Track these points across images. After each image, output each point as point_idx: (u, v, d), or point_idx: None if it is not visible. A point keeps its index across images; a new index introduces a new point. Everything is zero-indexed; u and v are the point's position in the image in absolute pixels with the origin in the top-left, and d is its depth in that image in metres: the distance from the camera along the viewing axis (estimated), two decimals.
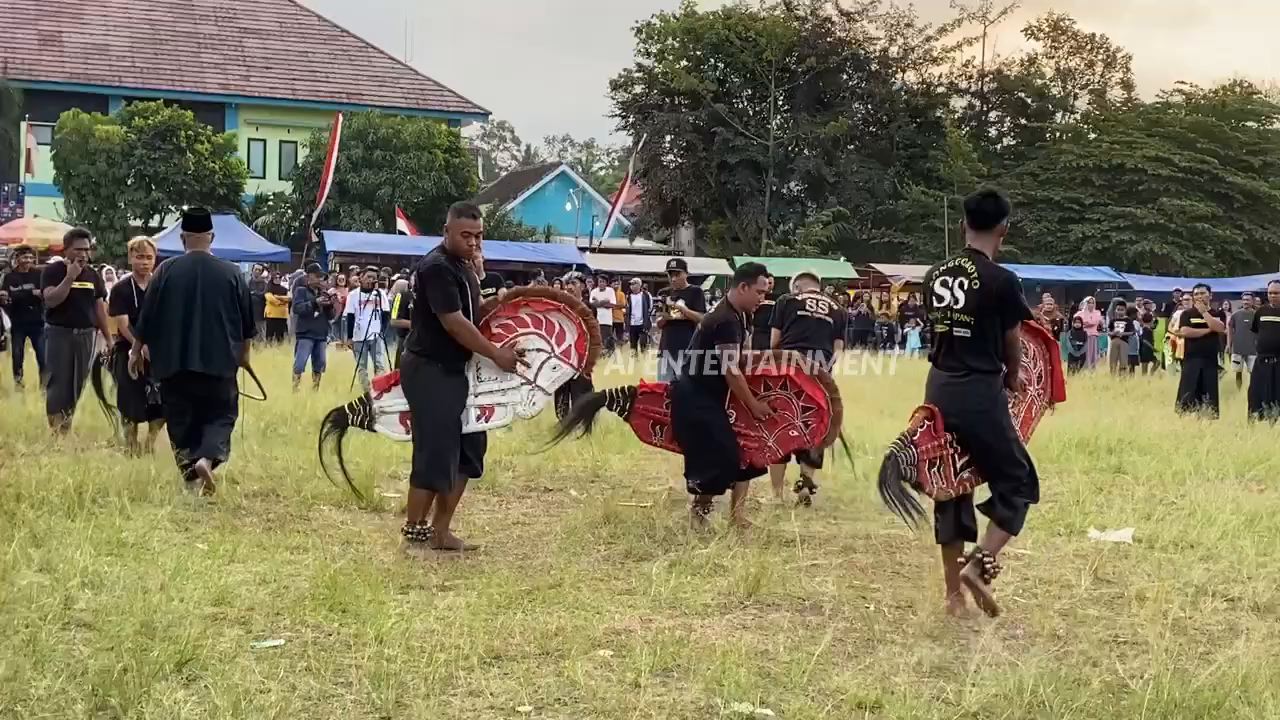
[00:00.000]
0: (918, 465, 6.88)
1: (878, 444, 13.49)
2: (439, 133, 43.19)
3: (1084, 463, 12.80)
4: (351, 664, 5.61)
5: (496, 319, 8.50)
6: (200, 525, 8.60)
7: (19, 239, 29.84)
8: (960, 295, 6.89)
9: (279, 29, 52.65)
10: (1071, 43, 56.96)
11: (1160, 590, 7.45)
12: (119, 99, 44.89)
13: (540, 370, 8.52)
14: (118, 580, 6.85)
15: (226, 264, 10.70)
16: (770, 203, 51.37)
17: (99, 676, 5.23)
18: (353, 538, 8.43)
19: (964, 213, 7.19)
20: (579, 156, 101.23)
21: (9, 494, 8.85)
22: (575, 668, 5.65)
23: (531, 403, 8.58)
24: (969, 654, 6.08)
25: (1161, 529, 9.46)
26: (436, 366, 8.15)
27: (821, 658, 5.92)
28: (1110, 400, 20.96)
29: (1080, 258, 48.47)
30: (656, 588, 7.27)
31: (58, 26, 48.95)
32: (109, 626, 5.96)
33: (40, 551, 7.32)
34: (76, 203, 39.80)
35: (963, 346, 6.92)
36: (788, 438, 9.59)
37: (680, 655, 5.94)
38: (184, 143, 40.00)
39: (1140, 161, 49.39)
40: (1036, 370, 7.75)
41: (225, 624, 6.19)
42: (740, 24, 51.47)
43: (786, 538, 8.86)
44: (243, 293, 10.26)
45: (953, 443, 6.94)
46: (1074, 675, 5.80)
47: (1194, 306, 19.69)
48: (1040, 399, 7.85)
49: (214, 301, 9.88)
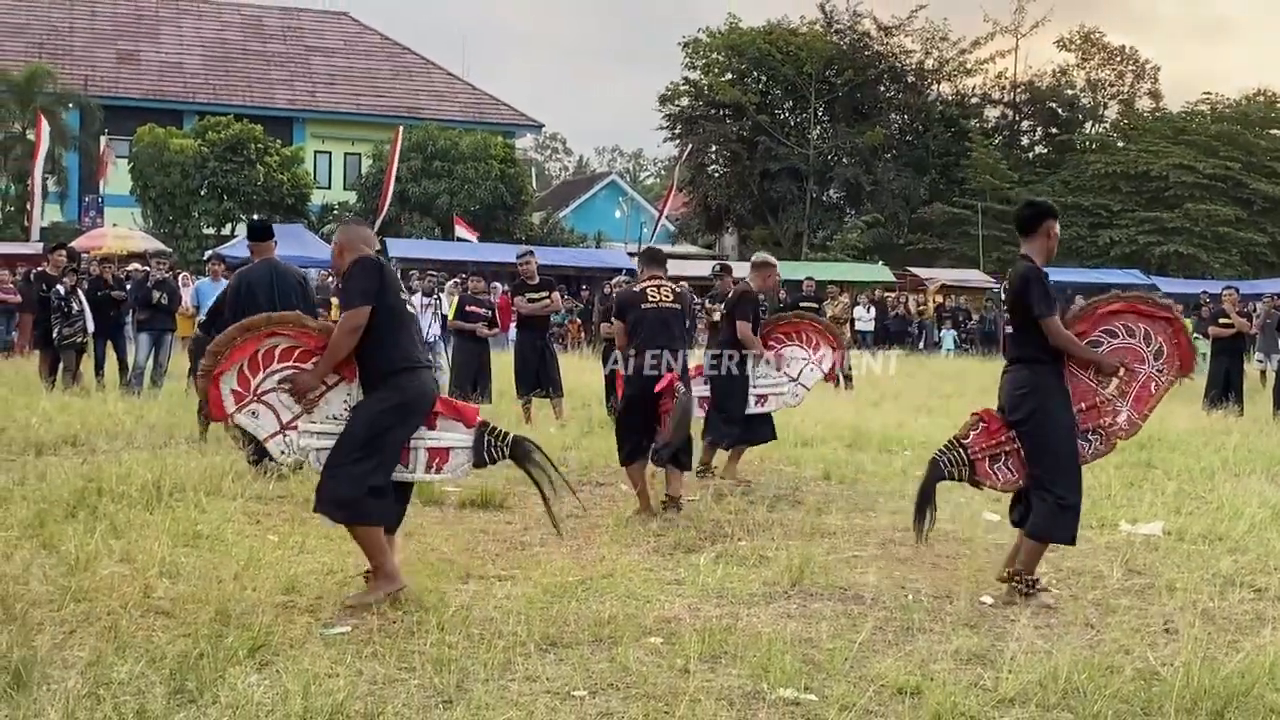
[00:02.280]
0: (972, 464, 7.07)
1: (916, 440, 13.49)
2: (494, 144, 43.28)
3: (1115, 458, 12.66)
4: (415, 650, 5.63)
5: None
6: (271, 518, 8.66)
7: (99, 247, 30.19)
8: (1006, 296, 7.86)
9: (343, 46, 52.99)
10: (1102, 54, 56.62)
11: (1190, 581, 7.38)
12: (192, 114, 45.26)
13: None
14: (194, 570, 6.90)
15: (294, 267, 11.40)
16: (810, 209, 51.26)
17: (177, 661, 5.27)
18: (415, 529, 8.44)
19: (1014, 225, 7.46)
20: (628, 166, 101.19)
21: (91, 488, 8.94)
22: (627, 654, 5.64)
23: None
24: (1005, 642, 6.03)
25: (1191, 522, 9.36)
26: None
27: (863, 645, 5.89)
28: None
29: (1109, 261, 48.14)
30: (704, 578, 7.25)
31: (135, 45, 49.49)
32: (186, 614, 6.01)
33: (120, 543, 7.38)
34: (153, 213, 40.12)
35: (1011, 340, 7.59)
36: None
37: (727, 642, 5.92)
38: (254, 155, 40.26)
39: (1166, 169, 49.07)
40: (1152, 349, 7.45)
41: (295, 612, 6.21)
42: (781, 38, 51.44)
43: (828, 530, 8.84)
44: (309, 291, 10.87)
45: (1015, 437, 7.04)
46: (1107, 662, 5.74)
47: (1222, 307, 19.56)
48: (1163, 374, 7.49)
49: (289, 300, 10.08)
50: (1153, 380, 7.45)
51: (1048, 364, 7.02)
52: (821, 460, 12.12)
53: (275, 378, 6.49)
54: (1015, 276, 7.07)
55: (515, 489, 9.88)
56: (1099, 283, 42.93)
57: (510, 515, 9.21)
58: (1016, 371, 7.08)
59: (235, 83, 49.08)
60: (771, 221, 51.92)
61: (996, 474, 7.08)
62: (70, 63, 45.98)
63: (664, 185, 62.01)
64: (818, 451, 12.80)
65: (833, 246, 48.14)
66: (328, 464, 6.34)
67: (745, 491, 10.44)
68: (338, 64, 51.93)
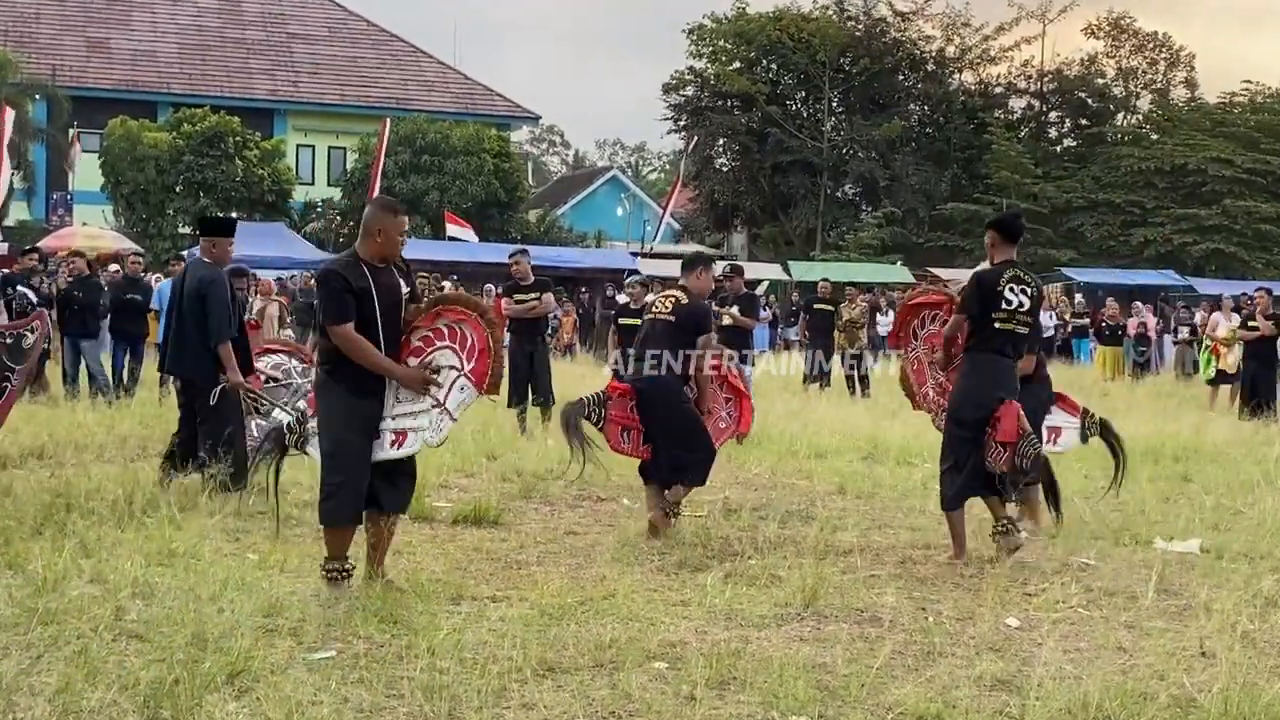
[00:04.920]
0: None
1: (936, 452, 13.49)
2: (488, 137, 43.30)
3: (1149, 470, 12.70)
4: (404, 676, 5.64)
5: (417, 331, 7.36)
6: (251, 535, 8.67)
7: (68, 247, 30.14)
8: (1026, 301, 8.65)
9: (327, 34, 53.02)
10: (1133, 41, 56.57)
11: (1228, 602, 7.35)
12: (167, 106, 45.36)
13: (450, 391, 7.31)
14: (169, 591, 6.91)
15: (209, 268, 10.40)
16: (824, 205, 51.25)
17: (151, 688, 5.28)
18: (403, 548, 8.45)
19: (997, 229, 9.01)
20: (630, 160, 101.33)
21: (59, 504, 8.96)
22: (629, 680, 5.65)
23: (438, 428, 7.32)
24: (1031, 667, 6.04)
25: (1230, 539, 9.37)
26: (340, 386, 7.15)
27: (880, 671, 5.90)
28: (1175, 407, 20.79)
29: (1143, 262, 48.11)
30: (711, 599, 7.26)
31: (105, 33, 49.52)
32: (160, 638, 6.01)
33: (90, 562, 7.40)
34: (125, 210, 40.11)
35: (1022, 341, 8.77)
36: (718, 429, 10.06)
37: (736, 668, 5.93)
38: (232, 149, 40.27)
39: (1203, 162, 48.99)
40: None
41: (277, 635, 6.22)
42: (792, 24, 51.40)
43: (844, 548, 8.84)
44: (215, 297, 10.07)
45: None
46: (1140, 689, 5.75)
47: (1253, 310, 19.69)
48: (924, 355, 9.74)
49: (191, 306, 10.07)
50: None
51: None
52: (836, 473, 12.14)
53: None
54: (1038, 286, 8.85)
55: (510, 504, 9.90)
56: (1132, 284, 42.95)
57: (505, 532, 9.22)
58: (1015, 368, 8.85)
59: (212, 72, 49.09)
60: (782, 218, 51.95)
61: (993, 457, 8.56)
62: (37, 51, 45.91)
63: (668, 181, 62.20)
64: (832, 464, 12.82)
65: (847, 245, 48.13)
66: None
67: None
68: (321, 52, 51.93)
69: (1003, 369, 8.67)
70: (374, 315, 7.08)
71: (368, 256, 7.20)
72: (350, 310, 7.03)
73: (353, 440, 7.10)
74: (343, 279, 7.06)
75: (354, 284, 7.05)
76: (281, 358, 12.56)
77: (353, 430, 7.10)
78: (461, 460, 12.01)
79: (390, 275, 7.25)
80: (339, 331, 7.03)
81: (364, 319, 7.05)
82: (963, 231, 50.42)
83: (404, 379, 7.13)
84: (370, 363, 7.05)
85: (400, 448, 7.19)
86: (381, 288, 7.13)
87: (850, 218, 51.89)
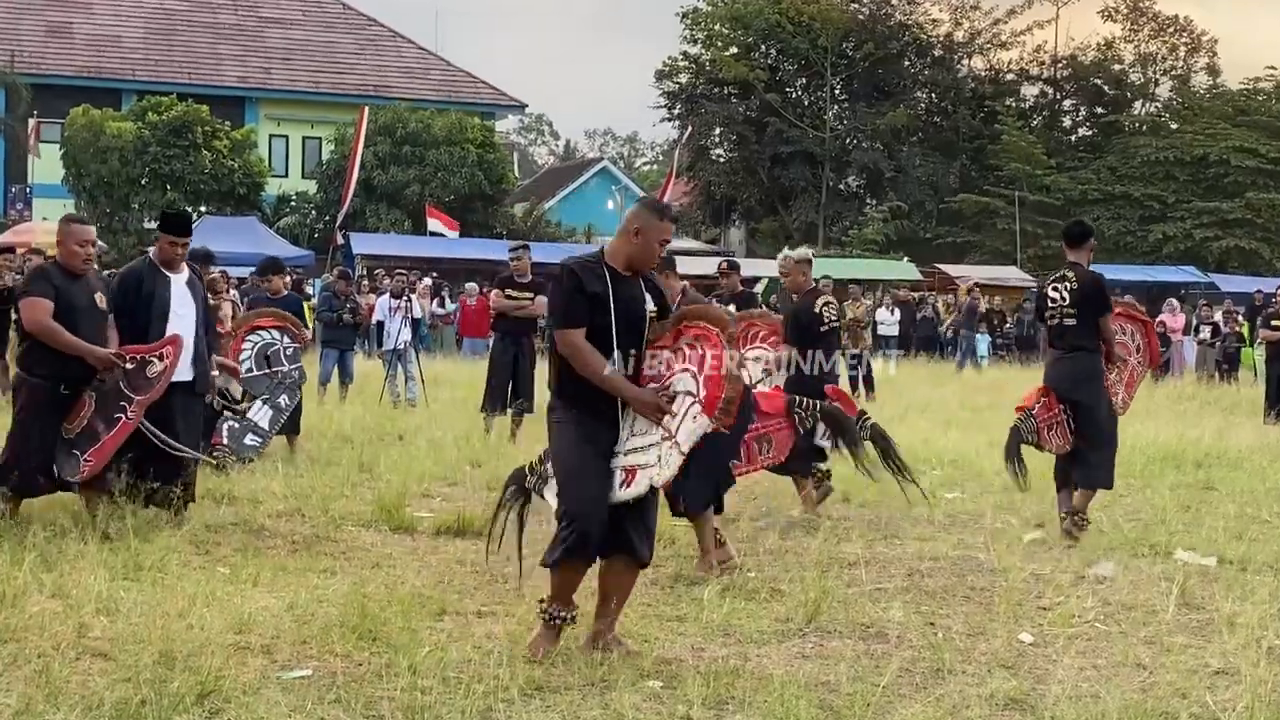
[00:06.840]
0: (1038, 431, 10.00)
1: (945, 458, 13.51)
2: (471, 127, 43.23)
3: (1171, 478, 12.72)
4: (383, 696, 5.63)
5: (658, 355, 6.65)
6: (221, 548, 8.65)
7: (27, 243, 30.03)
8: (1066, 295, 10.07)
9: (301, 18, 53.02)
10: (1152, 25, 56.67)
11: (1253, 616, 7.37)
12: (131, 94, 45.28)
13: (683, 421, 6.48)
14: (134, 607, 6.88)
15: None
16: (826, 198, 51.32)
17: (116, 709, 5.27)
18: (383, 560, 8.45)
19: (1062, 238, 10.55)
20: (621, 151, 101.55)
21: (18, 515, 8.92)
22: (622, 700, 5.65)
23: (668, 463, 6.44)
24: (1047, 685, 6.05)
25: (1255, 550, 9.38)
26: (569, 406, 6.60)
27: (887, 689, 5.90)
28: (1196, 410, 20.82)
29: (1162, 258, 48.14)
30: (709, 614, 7.26)
31: (66, 17, 49.42)
32: (126, 656, 5.99)
33: (52, 576, 7.37)
34: (88, 204, 39.99)
35: (1071, 332, 10.08)
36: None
37: (735, 686, 5.93)
38: (200, 139, 40.20)
39: (1225, 153, 49.08)
40: (1135, 344, 10.82)
41: (249, 653, 6.21)
42: (793, 8, 51.46)
43: (848, 559, 8.84)
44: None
45: (1065, 410, 10.02)
46: (1161, 708, 5.75)
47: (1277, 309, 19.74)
48: (1140, 366, 10.98)
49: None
50: (1136, 370, 10.85)
51: (1099, 352, 10.15)
52: (840, 480, 12.11)
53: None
54: (1086, 281, 10.08)
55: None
56: (1151, 281, 43.05)
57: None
58: (1078, 359, 10.11)
59: (179, 58, 49.05)
60: (782, 212, 52.02)
61: (1051, 439, 10.04)
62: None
63: (662, 172, 62.13)
64: (836, 470, 12.79)
65: (851, 240, 48.20)
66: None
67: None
68: (295, 37, 51.93)
69: None
70: (609, 327, 6.47)
71: (614, 260, 6.61)
72: (582, 314, 6.46)
73: (585, 466, 6.46)
74: (577, 279, 6.50)
75: (588, 287, 6.48)
76: (271, 334, 12.28)
77: (584, 456, 6.48)
78: (444, 468, 12.00)
79: (635, 287, 6.61)
80: (566, 337, 6.46)
81: (596, 330, 6.47)
82: (972, 225, 50.48)
83: (637, 402, 6.44)
84: (598, 377, 6.42)
85: (630, 488, 6.45)
86: (621, 299, 6.51)
87: (854, 211, 52.03)
